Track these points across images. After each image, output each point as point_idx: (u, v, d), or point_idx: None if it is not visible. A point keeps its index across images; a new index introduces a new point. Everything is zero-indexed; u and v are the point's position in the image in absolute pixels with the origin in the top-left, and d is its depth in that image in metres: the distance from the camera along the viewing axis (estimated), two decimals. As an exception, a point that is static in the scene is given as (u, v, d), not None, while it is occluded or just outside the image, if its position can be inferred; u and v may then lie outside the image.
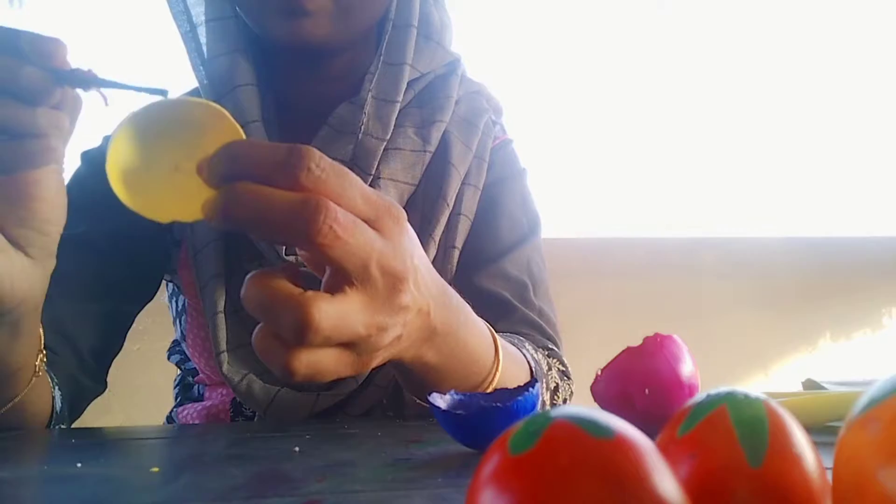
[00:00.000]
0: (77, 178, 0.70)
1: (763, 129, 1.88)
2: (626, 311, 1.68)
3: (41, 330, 0.50)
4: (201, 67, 0.67)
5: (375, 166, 0.65)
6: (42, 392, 0.55)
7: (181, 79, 0.74)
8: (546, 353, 0.66)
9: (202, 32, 0.67)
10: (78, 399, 0.64)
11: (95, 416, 0.67)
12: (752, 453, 0.22)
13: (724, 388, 0.24)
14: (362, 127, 0.65)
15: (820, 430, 0.45)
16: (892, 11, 1.88)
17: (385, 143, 0.66)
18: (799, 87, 1.87)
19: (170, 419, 0.77)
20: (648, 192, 1.82)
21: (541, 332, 0.69)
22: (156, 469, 0.38)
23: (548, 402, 0.62)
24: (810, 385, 0.63)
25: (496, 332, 0.52)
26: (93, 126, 0.45)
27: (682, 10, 1.84)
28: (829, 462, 0.22)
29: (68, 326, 0.63)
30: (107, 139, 0.72)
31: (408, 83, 0.68)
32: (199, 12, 0.68)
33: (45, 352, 0.52)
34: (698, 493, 0.21)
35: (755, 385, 1.78)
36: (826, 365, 1.82)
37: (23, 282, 0.43)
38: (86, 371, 0.65)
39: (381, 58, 0.66)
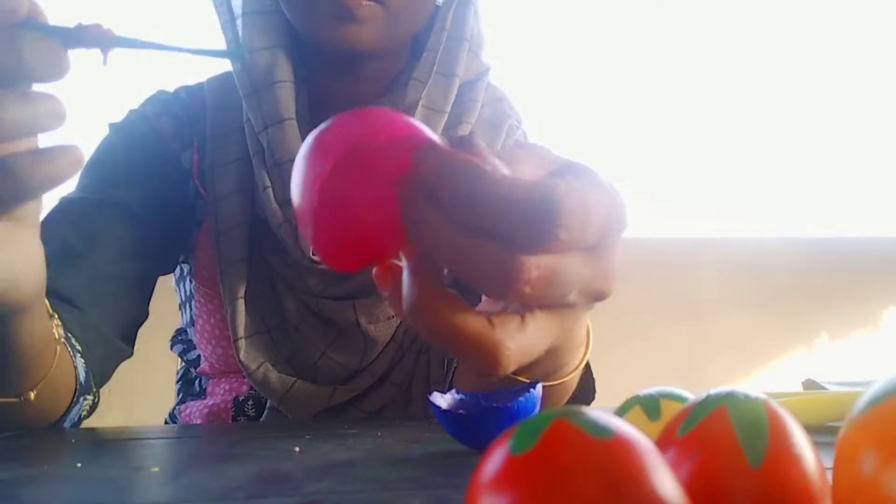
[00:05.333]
0: (108, 147, 0.69)
1: (762, 130, 1.87)
2: (626, 311, 1.68)
3: (46, 301, 0.48)
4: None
5: None
6: (66, 364, 0.53)
7: (177, 74, 0.75)
8: None
9: (239, 24, 0.67)
10: (109, 360, 0.63)
11: (95, 416, 0.67)
12: (752, 453, 0.22)
13: (724, 388, 0.24)
14: None
15: (820, 430, 0.45)
16: (892, 11, 1.88)
17: None
18: (797, 87, 1.87)
19: (172, 417, 0.77)
20: (648, 192, 1.82)
21: None
22: (156, 469, 0.38)
23: None
24: (810, 385, 0.63)
25: None
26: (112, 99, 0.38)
27: (682, 10, 1.84)
28: (829, 462, 0.22)
29: (102, 287, 0.62)
30: (133, 112, 0.71)
31: None
32: (237, 4, 0.67)
33: (55, 317, 0.50)
34: (698, 493, 0.21)
35: (755, 385, 1.78)
36: (826, 365, 1.82)
37: (36, 262, 0.40)
38: (117, 332, 0.63)
39: (435, 68, 0.66)
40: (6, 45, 0.30)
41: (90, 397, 0.58)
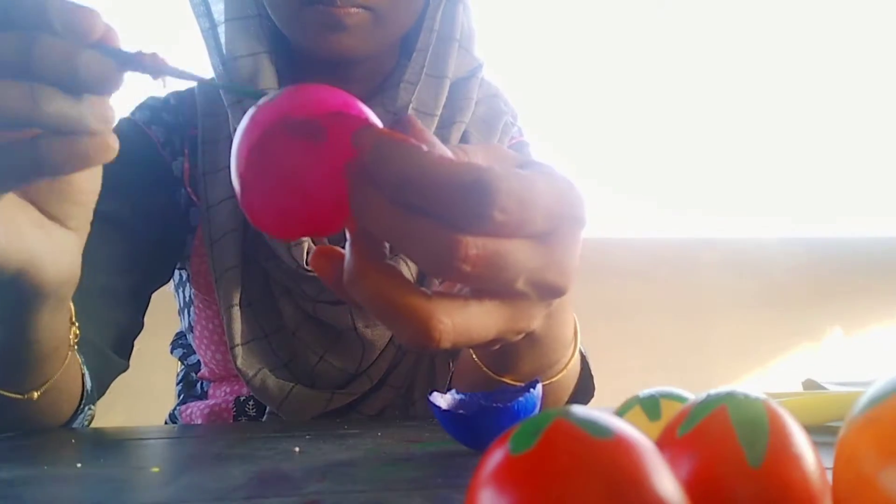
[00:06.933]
0: None
1: (763, 129, 1.87)
2: (626, 311, 1.68)
3: (72, 304, 0.48)
4: (221, 66, 0.66)
5: None
6: (74, 371, 0.53)
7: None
8: None
9: (221, 31, 0.66)
10: (105, 374, 0.62)
11: (96, 415, 0.67)
12: (752, 453, 0.22)
13: (724, 388, 0.24)
14: None
15: (820, 430, 0.45)
16: (892, 11, 1.88)
17: None
18: (799, 87, 1.87)
19: (172, 417, 0.77)
20: (648, 193, 1.82)
21: None
22: (156, 469, 0.38)
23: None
24: (810, 385, 0.63)
25: None
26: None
27: (683, 10, 1.84)
28: (829, 462, 0.22)
29: (95, 300, 0.61)
30: (123, 121, 0.69)
31: None
32: (218, 10, 0.66)
33: (76, 325, 0.50)
34: (698, 493, 0.21)
35: (755, 385, 1.78)
36: (827, 364, 1.82)
37: (65, 257, 0.41)
38: (111, 345, 0.63)
39: (425, 69, 0.65)
40: (67, 60, 0.31)
41: (94, 407, 0.58)
